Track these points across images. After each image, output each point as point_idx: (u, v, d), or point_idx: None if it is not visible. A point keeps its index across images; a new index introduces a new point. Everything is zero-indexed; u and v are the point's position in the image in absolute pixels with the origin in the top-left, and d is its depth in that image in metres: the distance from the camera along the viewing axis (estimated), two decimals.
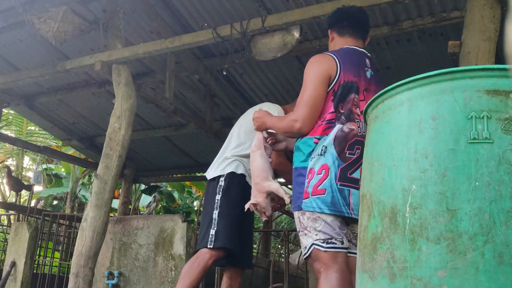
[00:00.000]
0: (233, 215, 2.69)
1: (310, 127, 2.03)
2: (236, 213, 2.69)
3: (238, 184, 2.76)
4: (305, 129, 2.03)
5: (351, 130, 1.99)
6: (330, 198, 1.93)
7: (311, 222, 1.95)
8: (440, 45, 3.62)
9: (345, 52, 2.15)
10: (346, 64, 2.06)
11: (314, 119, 2.02)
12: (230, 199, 2.73)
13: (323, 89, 2.03)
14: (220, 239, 2.63)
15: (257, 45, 3.24)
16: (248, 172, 2.74)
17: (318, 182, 1.95)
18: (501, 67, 1.24)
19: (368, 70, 2.13)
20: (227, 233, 2.65)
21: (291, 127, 2.07)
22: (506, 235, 1.11)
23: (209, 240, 2.64)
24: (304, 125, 2.02)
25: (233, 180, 2.76)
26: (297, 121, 2.03)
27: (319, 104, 2.02)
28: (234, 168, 2.78)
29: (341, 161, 1.95)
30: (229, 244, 2.64)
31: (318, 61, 2.09)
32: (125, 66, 3.61)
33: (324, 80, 2.03)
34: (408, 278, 1.19)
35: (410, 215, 1.22)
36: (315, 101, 2.02)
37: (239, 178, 2.77)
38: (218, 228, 2.66)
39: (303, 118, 2.02)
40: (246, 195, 2.69)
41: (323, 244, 1.91)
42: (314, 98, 2.02)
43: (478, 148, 1.18)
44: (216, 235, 2.64)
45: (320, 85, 2.03)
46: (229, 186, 2.75)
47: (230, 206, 2.72)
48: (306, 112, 2.02)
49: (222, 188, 2.75)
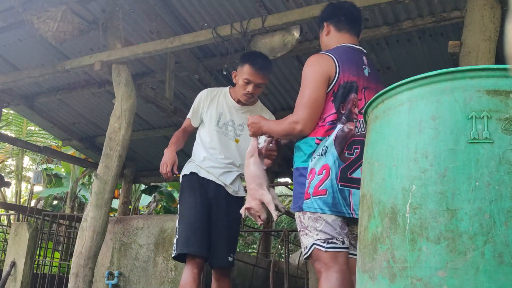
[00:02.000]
0: (188, 218, 2.66)
1: (312, 128, 2.01)
2: (191, 214, 2.66)
3: (189, 185, 2.76)
4: (306, 130, 2.01)
5: (350, 130, 1.99)
6: (331, 198, 1.92)
7: (312, 222, 1.94)
8: (440, 45, 3.62)
9: (342, 51, 2.12)
10: (344, 64, 2.04)
11: (315, 120, 2.01)
12: (182, 202, 2.75)
13: (323, 89, 2.01)
14: (178, 246, 2.62)
15: (257, 45, 3.24)
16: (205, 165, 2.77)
17: (319, 182, 1.95)
18: (501, 67, 1.24)
19: (365, 68, 2.12)
20: (184, 238, 2.62)
21: (292, 129, 2.04)
22: (506, 235, 1.11)
23: (173, 250, 2.67)
24: (305, 126, 2.00)
25: (183, 183, 2.81)
26: (298, 123, 2.00)
27: (319, 105, 2.00)
28: (184, 171, 2.83)
29: (341, 162, 1.95)
30: (184, 248, 2.60)
31: (317, 61, 2.06)
32: (125, 66, 3.61)
33: (323, 81, 2.01)
34: (408, 278, 1.19)
35: (410, 215, 1.22)
36: (315, 102, 2.00)
37: (188, 177, 2.78)
38: (178, 235, 2.66)
39: (304, 120, 1.99)
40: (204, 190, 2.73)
41: (324, 244, 1.91)
42: (314, 99, 2.00)
43: (478, 148, 1.18)
44: (177, 243, 2.64)
45: (320, 85, 2.00)
46: (181, 190, 2.80)
47: (184, 209, 2.71)
48: (307, 113, 1.99)
49: (179, 196, 2.82)
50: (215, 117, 2.83)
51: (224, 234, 2.76)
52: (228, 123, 2.84)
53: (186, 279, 2.57)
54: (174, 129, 5.55)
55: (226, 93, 2.90)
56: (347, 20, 2.24)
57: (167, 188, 9.81)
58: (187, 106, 5.10)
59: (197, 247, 2.61)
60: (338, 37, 2.21)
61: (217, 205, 2.76)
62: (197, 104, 2.87)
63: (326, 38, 2.25)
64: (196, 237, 2.62)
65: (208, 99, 2.86)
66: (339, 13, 2.26)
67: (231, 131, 2.84)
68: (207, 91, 2.91)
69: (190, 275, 2.57)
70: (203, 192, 2.73)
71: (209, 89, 2.94)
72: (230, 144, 2.82)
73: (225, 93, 2.90)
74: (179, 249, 2.61)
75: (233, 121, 2.85)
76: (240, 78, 2.76)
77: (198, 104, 2.87)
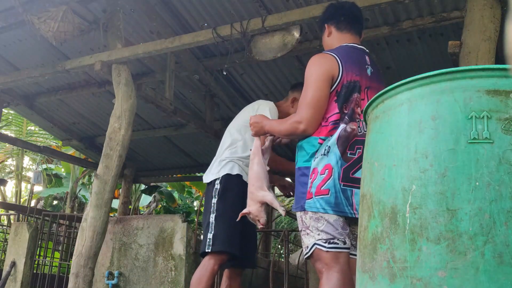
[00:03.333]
0: (230, 217, 2.65)
1: (315, 128, 2.01)
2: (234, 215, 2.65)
3: (235, 185, 2.74)
4: (309, 130, 2.01)
5: (352, 130, 1.98)
6: (334, 198, 1.92)
7: (314, 222, 1.94)
8: (440, 45, 3.62)
9: (345, 51, 2.12)
10: (347, 64, 2.04)
11: (318, 120, 2.00)
12: (226, 201, 2.71)
13: (326, 89, 2.00)
14: (217, 243, 2.62)
15: (257, 45, 3.24)
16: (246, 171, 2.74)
17: (321, 182, 1.94)
18: (501, 67, 1.24)
19: (368, 67, 2.12)
20: (225, 236, 2.63)
21: (295, 129, 2.04)
22: (506, 235, 1.11)
23: (207, 244, 2.64)
24: (308, 126, 2.00)
25: (228, 181, 2.74)
26: (302, 122, 2.00)
27: (322, 105, 2.00)
28: (229, 169, 2.76)
29: (343, 161, 1.95)
30: (227, 247, 2.63)
31: (320, 61, 2.05)
32: (125, 66, 3.61)
33: (327, 80, 2.00)
34: (408, 278, 1.19)
35: (410, 215, 1.22)
36: (318, 102, 1.99)
37: (235, 179, 2.75)
38: (215, 231, 2.64)
39: (307, 119, 1.99)
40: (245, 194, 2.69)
41: (325, 244, 1.91)
42: (317, 98, 1.99)
43: (478, 148, 1.18)
44: (214, 239, 2.63)
45: (323, 85, 2.00)
46: (225, 188, 2.73)
47: (227, 208, 2.69)
48: (310, 113, 1.99)
49: (218, 191, 2.73)
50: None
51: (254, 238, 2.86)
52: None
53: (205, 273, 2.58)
54: (174, 129, 5.61)
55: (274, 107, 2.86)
56: (347, 20, 2.24)
57: (167, 188, 9.81)
58: (187, 106, 5.12)
59: (238, 248, 2.65)
60: (340, 37, 2.22)
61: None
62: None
63: (328, 39, 2.26)
64: (236, 239, 2.66)
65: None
66: (339, 13, 2.26)
67: None
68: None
69: (210, 270, 2.59)
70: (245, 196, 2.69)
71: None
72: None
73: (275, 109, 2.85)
74: (220, 246, 2.61)
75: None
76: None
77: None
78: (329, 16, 2.28)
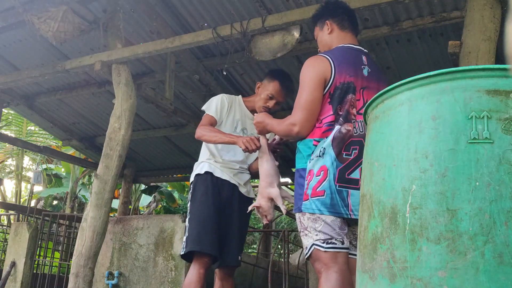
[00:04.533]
0: (200, 216, 2.65)
1: (309, 130, 2.04)
2: (204, 213, 2.66)
3: (203, 183, 2.75)
4: (303, 132, 2.04)
5: (348, 131, 1.99)
6: (329, 199, 1.92)
7: (311, 223, 1.95)
8: (440, 45, 3.62)
9: (340, 52, 2.12)
10: (341, 65, 2.04)
11: (312, 122, 2.03)
12: (195, 201, 2.72)
13: (319, 92, 2.02)
14: (188, 244, 2.61)
15: (257, 45, 3.24)
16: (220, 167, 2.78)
17: (317, 183, 1.95)
18: (501, 67, 1.24)
19: (365, 67, 2.11)
20: (195, 236, 2.61)
21: (290, 131, 2.08)
22: (506, 235, 1.11)
23: (182, 248, 2.65)
24: (302, 128, 2.03)
25: (197, 182, 2.78)
26: (296, 124, 2.04)
27: (316, 107, 2.02)
28: (198, 170, 2.81)
29: (339, 163, 1.95)
30: (197, 246, 2.60)
31: (312, 64, 2.08)
32: (125, 66, 3.61)
33: (319, 83, 2.02)
34: (408, 278, 1.19)
35: (410, 215, 1.22)
36: (312, 104, 2.02)
37: (203, 177, 2.76)
38: (188, 233, 2.65)
39: (301, 122, 2.02)
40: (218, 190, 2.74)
41: (323, 244, 1.91)
42: (311, 101, 2.02)
43: (478, 148, 1.18)
44: (187, 241, 2.63)
45: (316, 88, 2.02)
46: (194, 189, 2.77)
47: (196, 208, 2.69)
48: (304, 115, 2.02)
49: (190, 195, 2.78)
50: (233, 123, 2.88)
51: (236, 234, 2.79)
52: (243, 130, 2.90)
53: (192, 278, 2.57)
54: (174, 129, 5.61)
55: (241, 102, 2.96)
56: (349, 18, 2.23)
57: (167, 188, 9.81)
58: (187, 106, 5.11)
59: (209, 246, 2.61)
60: (341, 37, 2.21)
61: (230, 205, 2.78)
62: (221, 105, 2.87)
63: (328, 37, 2.24)
64: (207, 236, 2.62)
65: (229, 104, 2.90)
66: (342, 11, 2.24)
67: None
68: (226, 96, 2.94)
69: (196, 275, 2.57)
70: (217, 192, 2.74)
71: (226, 95, 2.96)
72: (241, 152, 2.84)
73: (239, 102, 2.96)
74: (190, 246, 2.60)
75: (246, 129, 2.92)
76: (265, 92, 2.83)
77: (223, 106, 2.87)
78: (332, 12, 2.25)
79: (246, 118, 2.93)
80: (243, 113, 2.94)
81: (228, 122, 2.88)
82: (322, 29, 2.27)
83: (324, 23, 2.26)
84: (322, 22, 2.27)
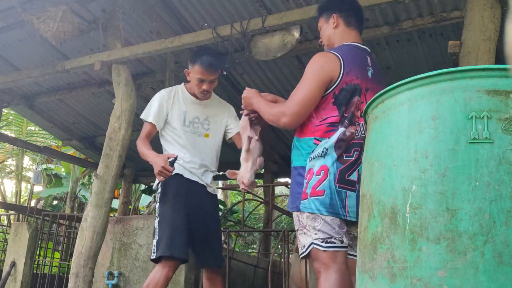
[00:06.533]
0: (171, 219, 2.60)
1: (296, 125, 2.02)
2: (175, 216, 2.61)
3: (174, 185, 2.68)
4: (291, 124, 2.02)
5: (351, 134, 1.97)
6: (329, 199, 1.91)
7: (311, 221, 1.93)
8: (440, 45, 3.62)
9: (349, 51, 2.06)
10: (349, 66, 1.99)
11: (302, 117, 2.00)
12: (166, 204, 2.65)
13: (320, 91, 1.98)
14: (161, 248, 2.55)
15: (257, 45, 3.24)
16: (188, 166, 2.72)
17: (317, 183, 1.94)
18: (501, 67, 1.24)
19: (369, 69, 2.08)
20: (167, 240, 2.55)
21: (278, 118, 2.03)
22: (506, 235, 1.11)
23: (152, 251, 2.59)
24: (291, 121, 2.00)
25: (166, 183, 2.68)
26: (286, 115, 2.00)
27: (312, 105, 1.98)
28: None
29: (339, 164, 1.94)
30: (169, 251, 2.54)
31: (322, 61, 2.00)
32: (124, 66, 3.61)
33: (323, 83, 1.97)
34: (408, 278, 1.19)
35: (410, 215, 1.22)
36: (309, 102, 1.98)
37: (174, 178, 2.67)
38: (159, 237, 2.58)
39: (292, 114, 1.99)
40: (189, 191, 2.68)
41: (322, 244, 1.90)
42: (309, 98, 1.97)
43: (478, 148, 1.18)
44: (157, 244, 2.57)
45: (318, 87, 1.97)
46: (164, 191, 2.69)
47: (167, 211, 2.63)
48: (297, 109, 1.98)
49: (160, 195, 2.70)
50: (181, 117, 2.80)
51: (214, 235, 2.77)
52: (194, 120, 2.83)
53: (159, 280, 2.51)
54: None
55: (184, 91, 2.87)
56: (357, 16, 2.18)
57: None
58: None
59: (182, 250, 2.57)
60: (346, 33, 2.15)
61: (202, 207, 2.75)
62: (159, 106, 2.78)
63: (332, 31, 2.17)
64: (180, 240, 2.58)
65: (170, 99, 2.81)
66: (350, 7, 2.19)
67: (198, 127, 2.83)
68: (165, 91, 2.86)
69: (164, 277, 2.52)
70: (187, 194, 2.69)
71: (165, 90, 2.89)
72: (199, 142, 2.81)
73: (182, 91, 2.87)
74: (161, 251, 2.54)
75: (198, 117, 2.85)
76: (193, 77, 2.77)
77: (161, 106, 2.79)
78: (339, 6, 2.18)
79: (195, 105, 2.84)
80: (190, 101, 2.85)
81: (175, 117, 2.80)
82: (328, 22, 2.20)
83: (330, 15, 2.18)
84: (328, 14, 2.20)
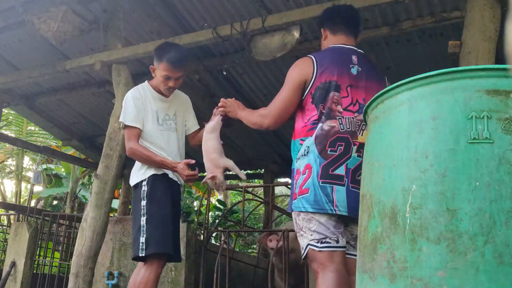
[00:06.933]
0: (161, 216, 2.63)
1: (278, 125, 2.19)
2: (164, 214, 2.64)
3: (162, 184, 2.70)
4: (272, 125, 2.18)
5: (331, 128, 2.02)
6: (313, 196, 1.96)
7: (306, 223, 1.98)
8: (440, 45, 3.61)
9: (328, 53, 2.20)
10: (324, 66, 2.11)
11: (283, 118, 2.17)
12: (155, 202, 2.66)
13: (297, 93, 2.13)
14: (151, 245, 2.56)
15: (257, 45, 3.24)
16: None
17: (303, 182, 2.01)
18: (501, 67, 1.24)
19: (354, 66, 2.14)
20: (158, 238, 2.58)
21: (261, 122, 2.21)
22: (506, 235, 1.11)
23: (140, 249, 2.57)
24: (272, 121, 2.17)
25: (155, 181, 2.68)
26: (267, 117, 2.18)
27: (290, 106, 2.15)
28: (154, 169, 2.71)
29: (322, 159, 1.99)
30: (160, 248, 2.57)
31: (298, 66, 2.19)
32: (125, 66, 3.61)
33: (299, 85, 2.13)
34: (408, 278, 1.19)
35: (410, 215, 1.22)
36: (288, 102, 2.14)
37: (161, 177, 2.70)
38: (148, 235, 2.58)
39: (273, 116, 2.16)
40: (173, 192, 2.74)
41: (318, 244, 1.93)
42: (288, 100, 2.14)
43: (478, 148, 1.18)
44: (147, 242, 2.57)
45: (295, 89, 2.13)
46: (152, 189, 2.68)
47: (157, 209, 2.64)
48: (277, 111, 2.15)
49: (146, 193, 2.67)
50: (154, 116, 2.78)
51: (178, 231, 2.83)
52: (165, 117, 2.83)
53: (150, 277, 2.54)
54: None
55: (150, 89, 2.83)
56: (342, 21, 2.29)
57: None
58: None
59: (171, 247, 2.63)
60: (334, 40, 2.28)
61: (177, 204, 2.81)
62: (137, 108, 2.73)
63: (324, 43, 2.33)
64: (169, 237, 2.63)
65: (142, 100, 2.77)
66: (335, 15, 2.33)
67: (170, 124, 2.84)
68: (135, 91, 2.80)
69: (154, 274, 2.55)
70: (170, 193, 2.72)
71: (134, 90, 2.83)
72: (173, 138, 2.82)
73: (149, 89, 2.83)
74: (153, 248, 2.55)
75: (168, 114, 2.84)
76: (159, 75, 2.74)
77: (138, 109, 2.74)
78: (325, 19, 2.35)
79: (162, 102, 2.82)
80: (157, 99, 2.82)
81: (149, 117, 2.77)
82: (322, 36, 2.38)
83: (320, 30, 2.38)
84: (319, 30, 2.40)
